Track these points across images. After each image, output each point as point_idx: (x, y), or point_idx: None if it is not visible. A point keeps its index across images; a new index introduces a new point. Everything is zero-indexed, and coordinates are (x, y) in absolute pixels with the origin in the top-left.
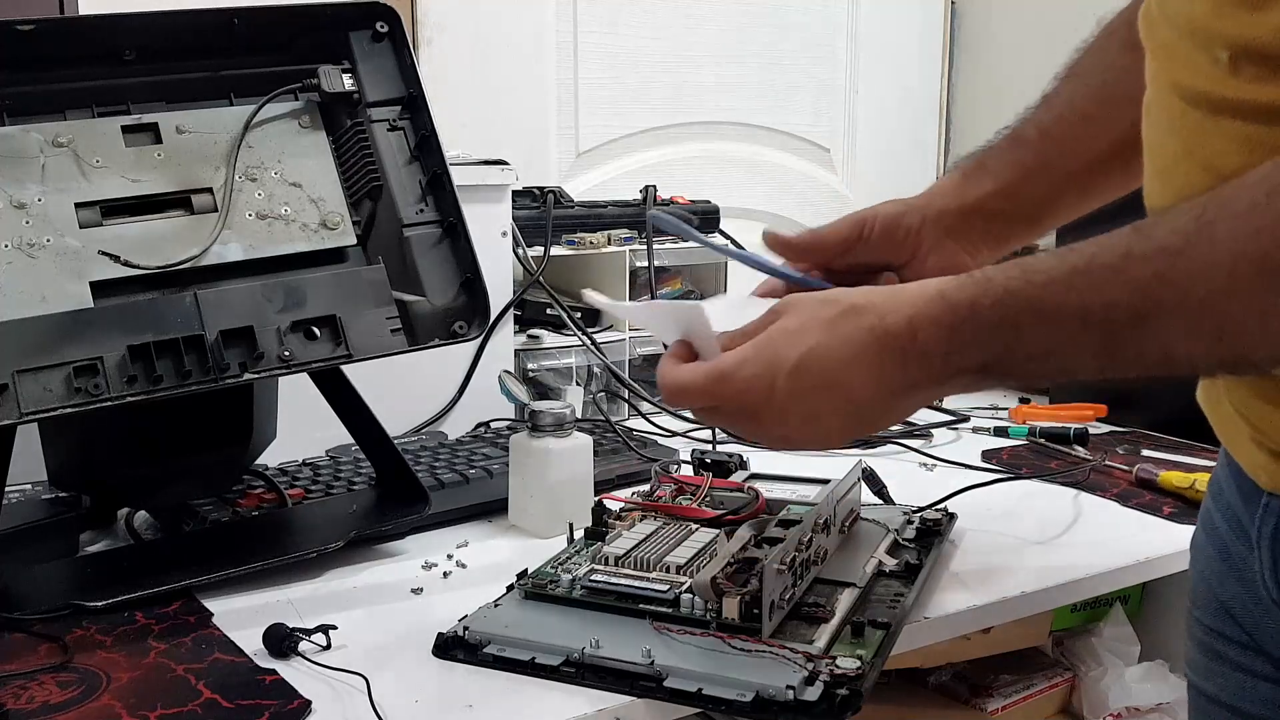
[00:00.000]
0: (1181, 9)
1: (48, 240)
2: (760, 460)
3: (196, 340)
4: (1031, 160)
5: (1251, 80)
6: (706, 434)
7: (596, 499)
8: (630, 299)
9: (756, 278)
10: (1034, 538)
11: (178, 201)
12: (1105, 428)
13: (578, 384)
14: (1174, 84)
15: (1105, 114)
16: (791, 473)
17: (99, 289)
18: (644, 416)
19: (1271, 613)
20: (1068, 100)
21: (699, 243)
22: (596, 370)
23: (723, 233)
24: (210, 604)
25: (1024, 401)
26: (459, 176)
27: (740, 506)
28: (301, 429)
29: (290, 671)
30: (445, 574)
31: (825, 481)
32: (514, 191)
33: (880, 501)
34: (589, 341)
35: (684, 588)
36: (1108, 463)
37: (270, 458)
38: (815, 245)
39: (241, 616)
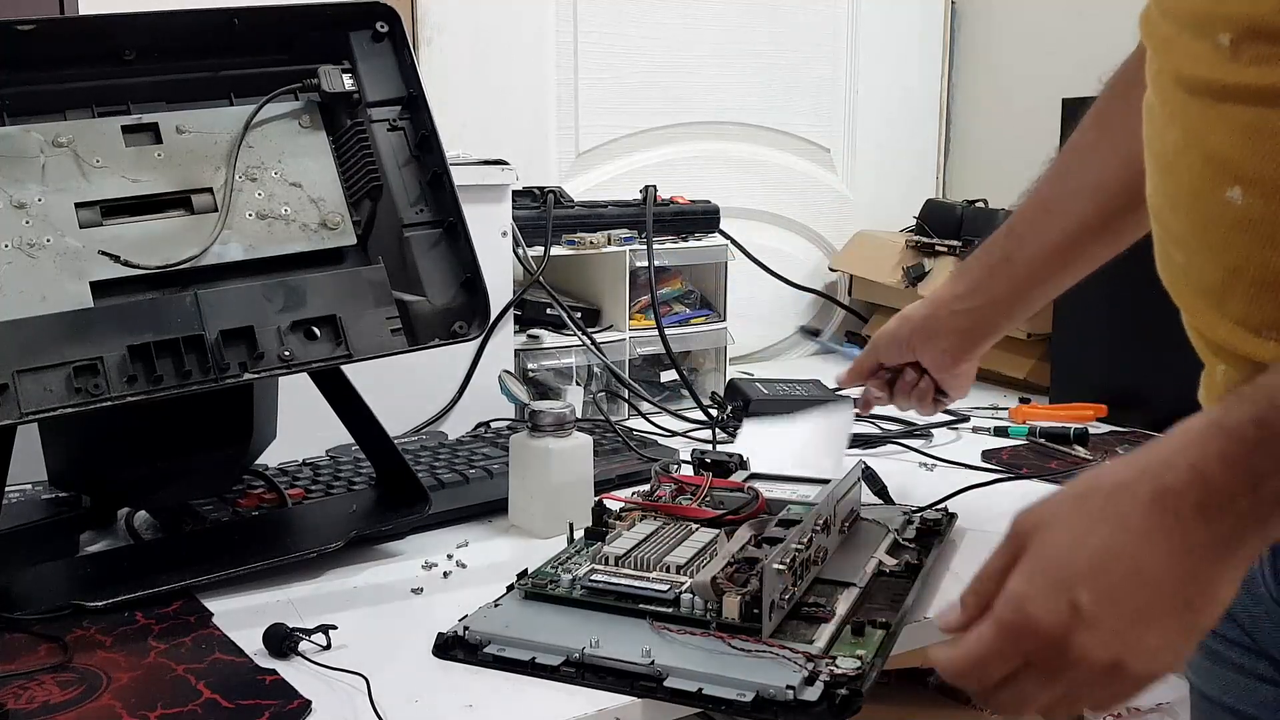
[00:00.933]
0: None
1: (48, 240)
2: (760, 460)
3: (197, 340)
4: (997, 256)
5: (1253, 63)
6: (706, 434)
7: (596, 499)
8: (630, 299)
9: (756, 277)
10: None
11: (178, 201)
12: (1105, 428)
13: (578, 384)
14: (1176, 76)
15: (1060, 203)
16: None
17: (99, 289)
18: (644, 416)
19: (1273, 613)
20: (1036, 191)
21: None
22: (596, 370)
23: (722, 233)
24: (210, 604)
25: (1024, 401)
26: (459, 176)
27: (740, 506)
28: (301, 429)
29: (290, 671)
30: (445, 574)
31: (825, 482)
32: (514, 191)
33: (880, 501)
34: (589, 341)
35: (684, 588)
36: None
37: (270, 458)
38: (850, 375)
39: (241, 616)
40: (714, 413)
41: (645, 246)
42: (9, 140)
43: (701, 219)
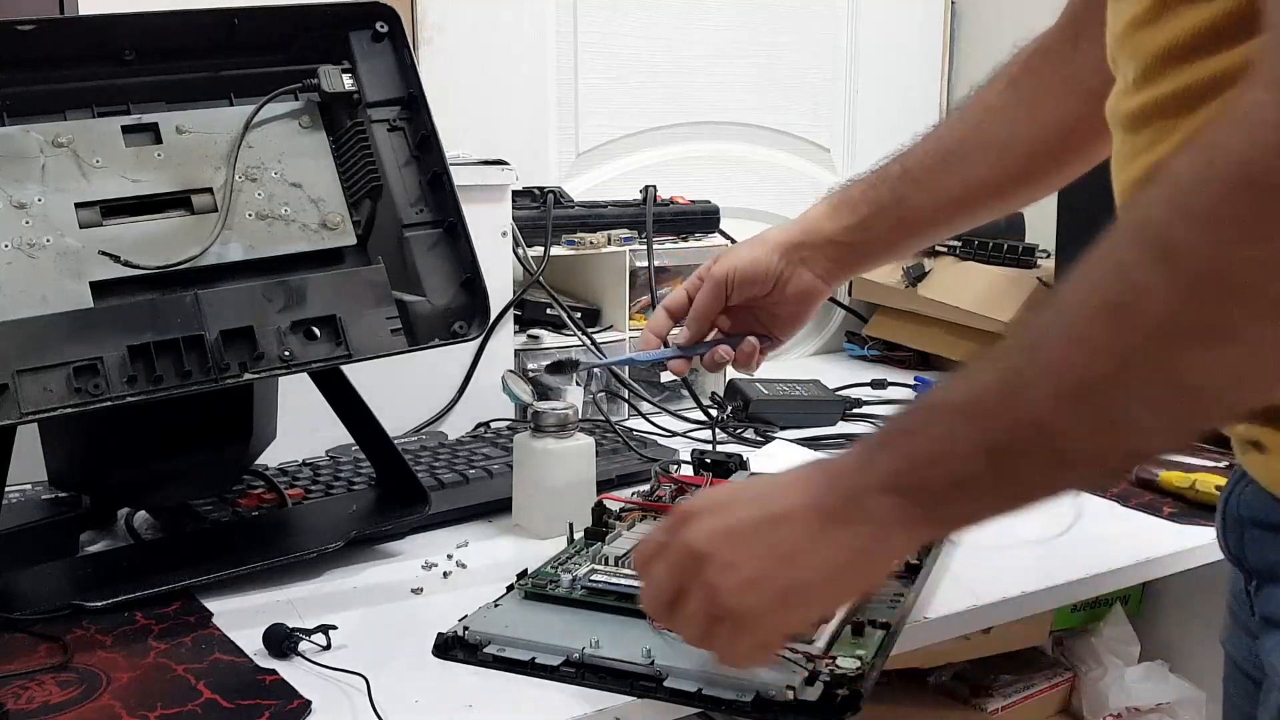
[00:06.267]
0: (1108, 38)
1: (48, 240)
2: (761, 460)
3: (197, 340)
4: (887, 197)
5: (1137, 90)
6: (706, 434)
7: (597, 499)
8: (630, 299)
9: None
10: (1034, 538)
11: (178, 201)
12: None
13: (578, 384)
14: (1109, 112)
15: (963, 155)
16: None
17: (99, 289)
18: (644, 416)
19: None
20: (937, 138)
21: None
22: (596, 370)
23: (723, 233)
24: (210, 604)
25: None
26: (459, 176)
27: None
28: (301, 429)
29: (290, 671)
30: (445, 574)
31: None
32: (514, 191)
33: None
34: (589, 341)
35: None
36: None
37: (270, 458)
38: (694, 324)
39: (241, 616)
40: (714, 413)
41: (645, 246)
42: (9, 140)
43: (701, 219)
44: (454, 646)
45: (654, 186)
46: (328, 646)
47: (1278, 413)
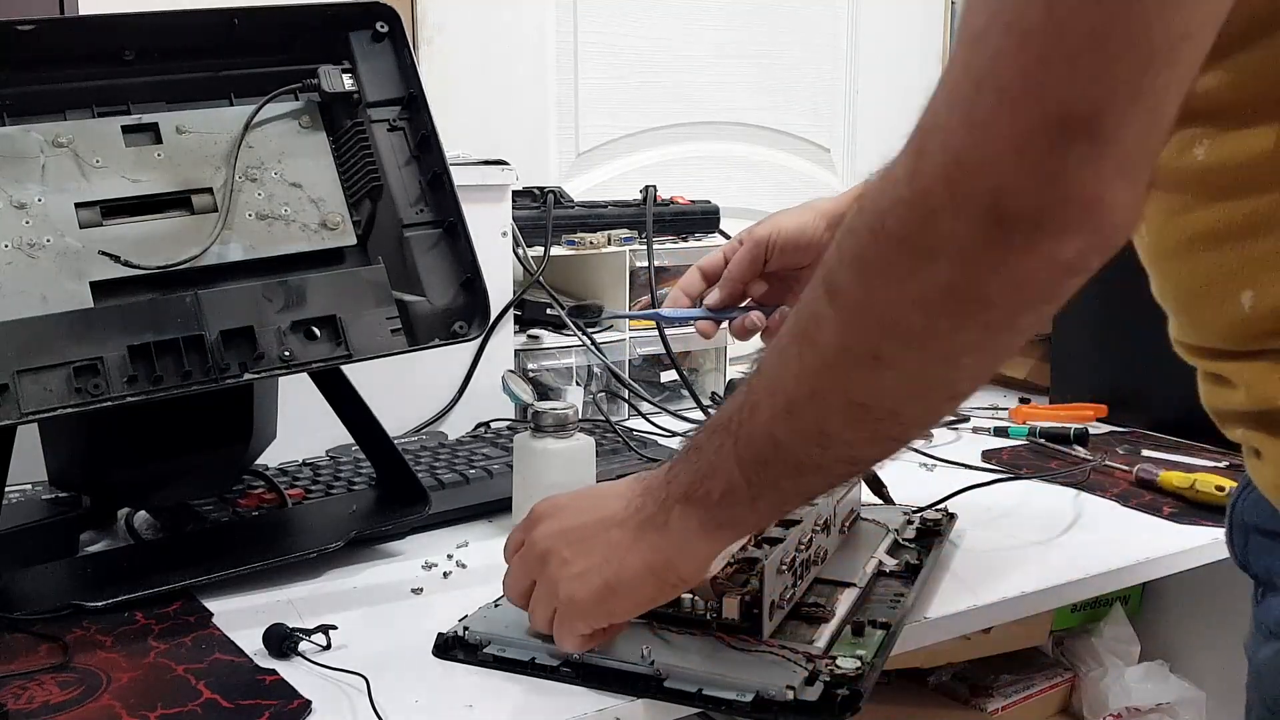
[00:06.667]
0: None
1: (48, 240)
2: None
3: (197, 340)
4: None
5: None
6: None
7: None
8: (630, 299)
9: None
10: (1034, 538)
11: (178, 201)
12: (1105, 428)
13: (578, 384)
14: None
15: None
16: None
17: (99, 289)
18: (644, 417)
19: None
20: None
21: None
22: (596, 370)
23: (723, 233)
24: (210, 604)
25: (1024, 401)
26: (459, 176)
27: None
28: (301, 429)
29: (290, 671)
30: (445, 574)
31: None
32: (514, 191)
33: (880, 501)
34: (589, 342)
35: None
36: (1108, 463)
37: (270, 458)
38: (727, 286)
39: (241, 616)
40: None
41: (645, 246)
42: (9, 140)
43: (701, 219)
44: (454, 646)
45: (654, 186)
46: (328, 646)
47: (1273, 420)
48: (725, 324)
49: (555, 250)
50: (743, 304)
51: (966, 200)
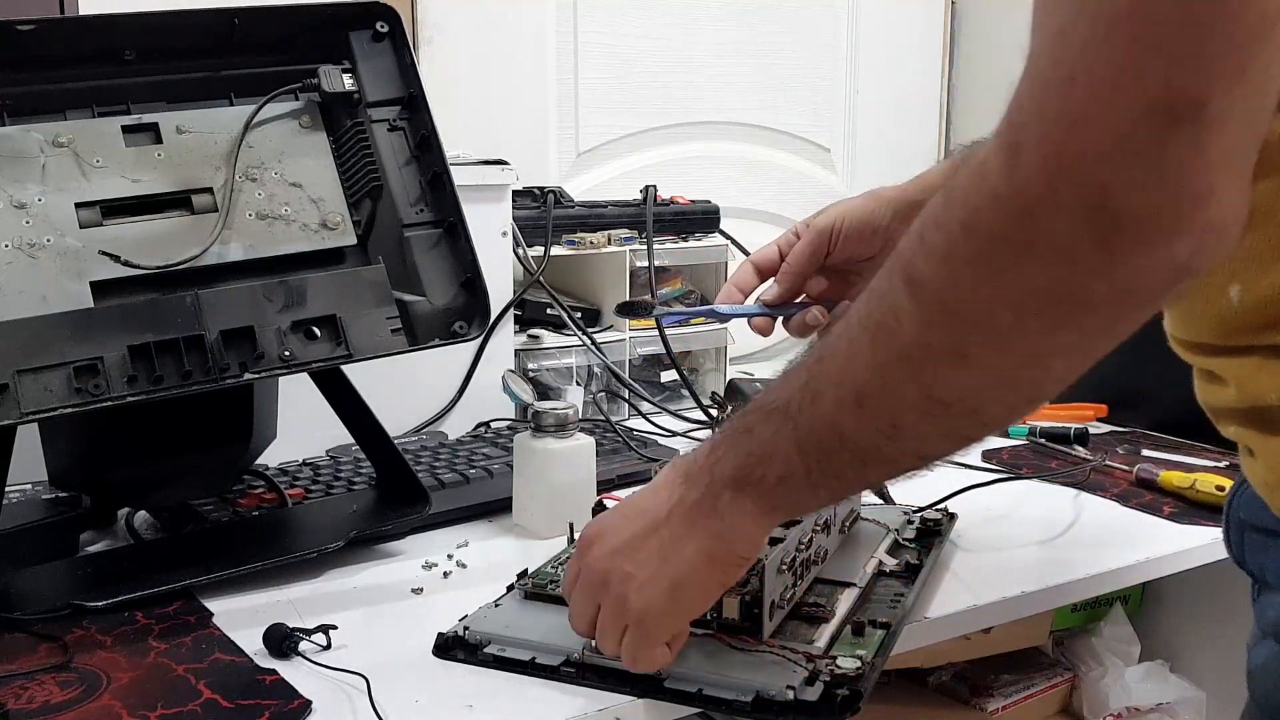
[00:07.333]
0: None
1: (48, 240)
2: None
3: (197, 340)
4: None
5: None
6: (706, 434)
7: (597, 499)
8: (630, 299)
9: None
10: (1034, 538)
11: (178, 201)
12: (1105, 428)
13: (578, 384)
14: None
15: None
16: None
17: (99, 289)
18: (644, 416)
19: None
20: None
21: (672, 314)
22: (596, 370)
23: (723, 233)
24: (210, 604)
25: None
26: (459, 176)
27: None
28: (301, 429)
29: (290, 671)
30: (445, 574)
31: None
32: (514, 191)
33: (880, 501)
34: (589, 341)
35: None
36: (1108, 463)
37: (270, 458)
38: (785, 280)
39: (241, 616)
40: (714, 413)
41: (645, 246)
42: (9, 140)
43: (701, 219)
44: (454, 646)
45: (654, 186)
46: (328, 646)
47: (1263, 418)
48: (780, 320)
49: (555, 250)
50: (798, 300)
51: (1070, 198)
